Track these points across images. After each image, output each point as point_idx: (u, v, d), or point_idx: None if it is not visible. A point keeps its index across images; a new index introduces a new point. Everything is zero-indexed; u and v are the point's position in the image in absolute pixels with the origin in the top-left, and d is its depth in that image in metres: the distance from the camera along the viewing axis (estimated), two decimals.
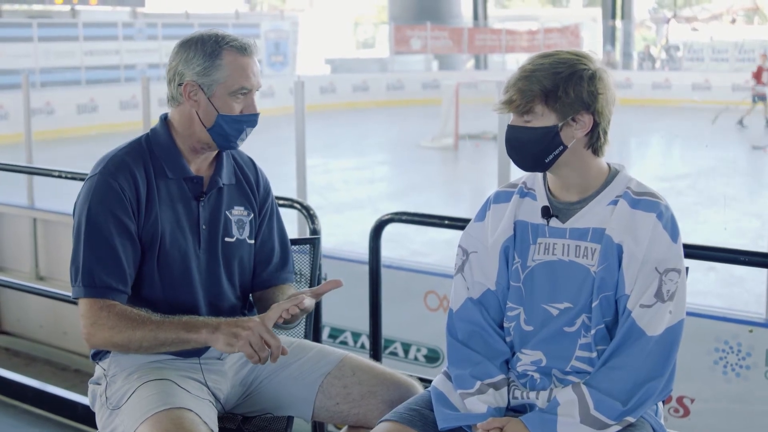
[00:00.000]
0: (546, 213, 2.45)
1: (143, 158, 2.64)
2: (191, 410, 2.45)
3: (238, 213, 2.76)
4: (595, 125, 2.37)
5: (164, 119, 2.72)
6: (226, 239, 2.73)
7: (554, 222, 2.45)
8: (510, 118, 2.42)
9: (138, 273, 2.62)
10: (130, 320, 2.51)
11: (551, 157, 2.37)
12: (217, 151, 2.75)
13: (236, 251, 2.76)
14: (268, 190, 2.89)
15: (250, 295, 2.89)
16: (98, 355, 2.70)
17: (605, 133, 2.39)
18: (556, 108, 2.33)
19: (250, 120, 2.67)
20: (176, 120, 2.69)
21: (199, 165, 2.72)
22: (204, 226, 2.69)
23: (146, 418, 2.41)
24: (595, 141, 2.39)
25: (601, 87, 2.35)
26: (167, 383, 2.54)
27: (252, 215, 2.80)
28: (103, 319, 2.52)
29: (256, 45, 2.69)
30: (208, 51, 2.61)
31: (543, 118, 2.35)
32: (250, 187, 2.82)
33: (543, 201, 2.48)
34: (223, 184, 2.74)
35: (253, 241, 2.80)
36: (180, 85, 2.63)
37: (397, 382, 2.73)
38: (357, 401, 2.70)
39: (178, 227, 2.65)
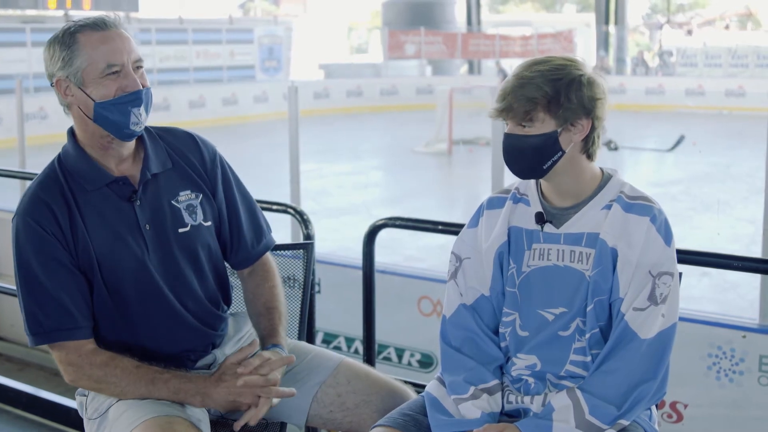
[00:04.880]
0: (540, 219, 2.46)
1: (57, 183, 2.49)
2: (181, 417, 2.42)
3: (185, 198, 2.59)
4: (592, 129, 2.38)
5: (70, 132, 2.57)
6: (180, 230, 2.57)
7: (548, 227, 2.45)
8: (502, 125, 2.42)
9: (93, 298, 2.50)
10: (118, 376, 2.45)
11: (549, 163, 2.37)
12: (131, 143, 2.55)
13: (195, 239, 2.60)
14: (216, 162, 2.70)
15: (237, 273, 2.80)
16: None
17: (599, 137, 2.41)
18: (558, 114, 2.33)
19: (130, 100, 2.44)
20: (76, 127, 2.54)
21: (120, 165, 2.55)
22: (147, 227, 2.53)
23: (135, 426, 2.38)
24: (590, 145, 2.40)
25: (600, 92, 2.37)
26: None
27: (201, 195, 2.62)
28: (85, 367, 2.45)
29: (118, 19, 2.51)
30: (65, 41, 2.44)
31: (543, 124, 2.34)
32: (192, 166, 2.64)
33: (536, 206, 2.48)
34: (153, 174, 2.56)
35: (210, 223, 2.64)
36: (53, 86, 2.49)
37: (392, 390, 2.71)
38: (351, 409, 2.68)
39: (117, 239, 2.50)
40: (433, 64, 35.12)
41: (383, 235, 3.90)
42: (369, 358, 3.92)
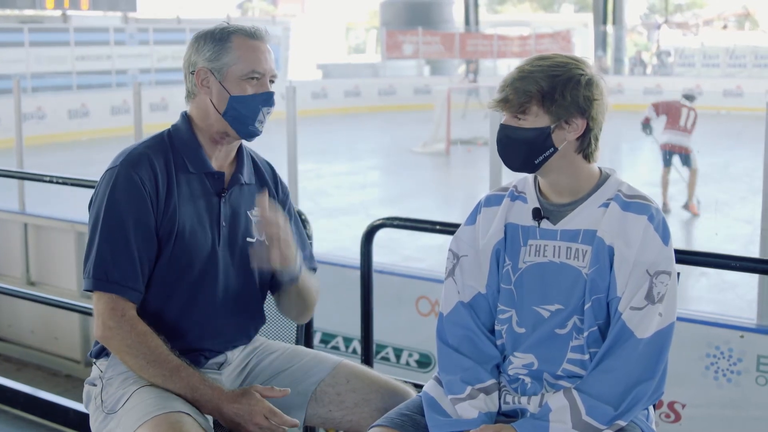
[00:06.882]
0: (537, 215, 2.46)
1: (164, 152, 2.62)
2: (189, 414, 2.43)
3: (258, 214, 2.70)
4: (588, 130, 2.38)
5: (184, 115, 2.70)
6: (248, 239, 2.70)
7: (545, 224, 2.45)
8: (500, 125, 2.43)
9: (156, 266, 2.59)
10: (149, 350, 2.49)
11: (541, 158, 2.38)
12: (238, 145, 2.73)
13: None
14: (286, 193, 2.89)
15: (270, 293, 2.86)
16: (98, 355, 2.67)
17: (596, 139, 2.40)
18: (552, 110, 2.34)
19: (264, 98, 2.63)
20: (194, 114, 2.67)
21: (221, 161, 2.69)
22: (224, 223, 2.66)
23: (144, 422, 2.39)
24: (586, 146, 2.40)
25: (597, 93, 2.37)
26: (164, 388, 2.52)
27: None
28: (124, 329, 2.50)
29: (267, 32, 2.69)
30: (218, 37, 2.62)
31: (537, 119, 2.35)
32: (269, 191, 2.78)
33: (534, 203, 2.48)
34: (244, 183, 2.72)
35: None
36: (192, 73, 2.63)
37: (392, 389, 2.72)
38: (350, 408, 2.69)
39: (199, 222, 2.62)
40: (431, 64, 35.10)
41: (381, 235, 3.89)
42: (367, 358, 3.92)
